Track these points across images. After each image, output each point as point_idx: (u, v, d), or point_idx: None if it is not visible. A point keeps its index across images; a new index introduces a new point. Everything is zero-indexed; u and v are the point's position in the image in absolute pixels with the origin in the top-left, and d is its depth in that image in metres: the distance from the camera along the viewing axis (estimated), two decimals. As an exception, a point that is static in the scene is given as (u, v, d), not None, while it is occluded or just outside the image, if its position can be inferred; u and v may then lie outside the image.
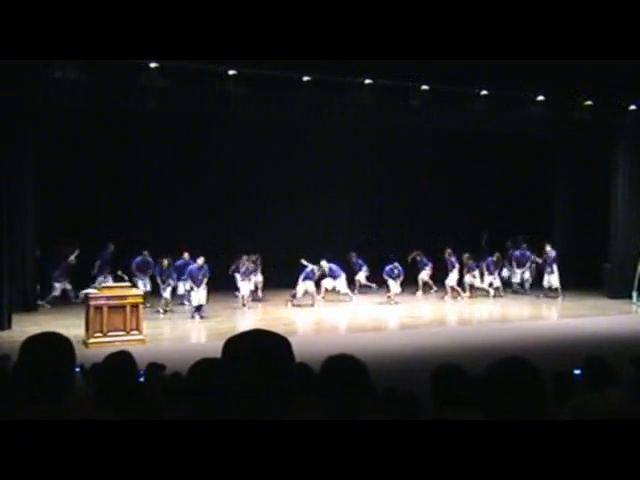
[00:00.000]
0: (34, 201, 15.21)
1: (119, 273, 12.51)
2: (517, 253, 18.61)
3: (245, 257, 16.34)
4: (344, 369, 2.74)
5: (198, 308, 14.76)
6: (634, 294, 17.09)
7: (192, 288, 14.89)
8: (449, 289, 17.72)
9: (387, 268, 17.14)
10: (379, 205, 20.70)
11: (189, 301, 15.39)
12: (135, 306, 12.12)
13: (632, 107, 16.75)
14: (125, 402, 3.65)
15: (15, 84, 12.67)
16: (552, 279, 17.70)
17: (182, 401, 4.22)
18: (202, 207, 18.42)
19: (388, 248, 18.56)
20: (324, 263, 16.84)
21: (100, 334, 11.76)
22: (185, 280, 15.41)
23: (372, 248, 18.98)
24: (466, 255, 17.95)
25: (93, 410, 2.77)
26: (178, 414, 3.41)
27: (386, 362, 9.73)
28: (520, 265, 18.44)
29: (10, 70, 11.75)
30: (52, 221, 15.92)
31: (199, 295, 14.74)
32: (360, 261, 18.34)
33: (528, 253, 18.37)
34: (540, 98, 15.92)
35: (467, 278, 17.97)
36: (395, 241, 19.16)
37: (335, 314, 15.65)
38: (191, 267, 15.04)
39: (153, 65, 12.69)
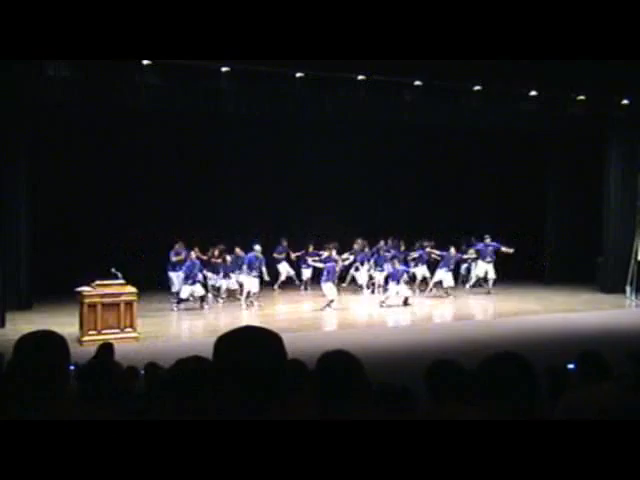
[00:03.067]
0: (27, 199, 15.15)
1: (112, 270, 12.44)
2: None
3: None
4: (339, 365, 2.74)
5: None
6: (627, 288, 17.15)
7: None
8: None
9: (403, 269, 16.51)
10: (372, 200, 20.68)
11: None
12: (129, 303, 12.11)
13: (625, 101, 16.79)
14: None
15: (7, 82, 12.62)
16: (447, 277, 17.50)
17: (172, 398, 4.21)
18: (196, 203, 18.40)
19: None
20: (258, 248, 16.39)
21: (94, 332, 11.73)
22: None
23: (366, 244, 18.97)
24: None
25: (88, 408, 2.77)
26: (171, 413, 3.40)
27: (381, 358, 9.75)
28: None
29: (1, 68, 11.70)
30: (46, 218, 15.91)
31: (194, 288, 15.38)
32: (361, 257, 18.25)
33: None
34: (533, 93, 15.95)
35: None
36: (388, 236, 19.11)
37: (329, 311, 15.63)
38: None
39: (146, 62, 12.66)
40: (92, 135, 16.82)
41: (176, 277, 16.07)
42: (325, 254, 16.34)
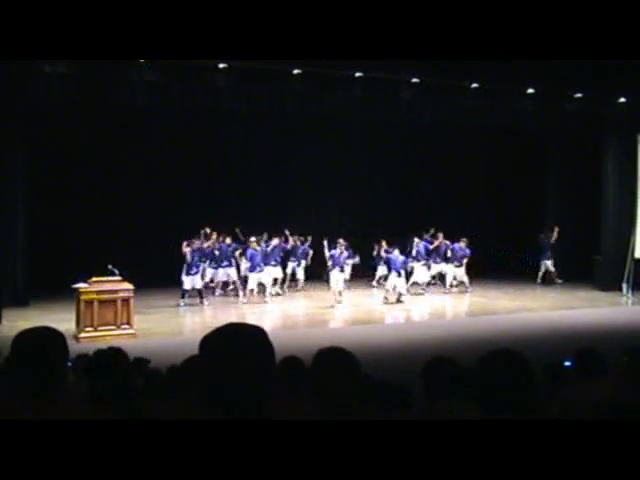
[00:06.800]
0: (24, 195, 15.13)
1: (109, 267, 12.42)
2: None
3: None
4: (335, 362, 2.74)
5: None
6: (624, 286, 17.18)
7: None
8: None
9: (403, 260, 16.38)
10: (370, 198, 20.70)
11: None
12: (126, 300, 12.08)
13: (622, 99, 16.81)
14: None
15: (3, 79, 12.59)
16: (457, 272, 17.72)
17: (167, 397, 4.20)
18: (194, 200, 18.39)
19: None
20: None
21: (91, 328, 11.71)
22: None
23: (362, 242, 18.95)
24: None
25: (87, 406, 2.77)
26: (164, 412, 3.38)
27: (377, 355, 9.76)
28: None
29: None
30: (43, 215, 15.90)
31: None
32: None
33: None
34: (530, 91, 15.95)
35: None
36: (386, 234, 19.12)
37: (327, 308, 15.63)
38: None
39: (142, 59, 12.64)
40: (89, 132, 16.79)
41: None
42: (337, 251, 16.26)
